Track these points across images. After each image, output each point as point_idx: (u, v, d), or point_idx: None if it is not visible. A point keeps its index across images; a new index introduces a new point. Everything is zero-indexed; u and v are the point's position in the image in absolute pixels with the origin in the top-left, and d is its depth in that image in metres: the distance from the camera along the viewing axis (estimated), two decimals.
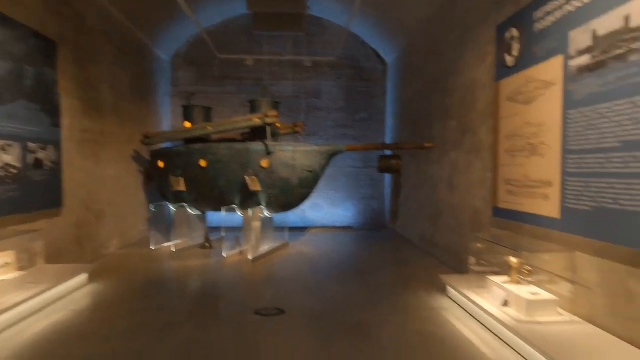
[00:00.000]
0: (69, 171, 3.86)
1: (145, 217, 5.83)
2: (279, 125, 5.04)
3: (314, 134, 7.11)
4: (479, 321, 2.70)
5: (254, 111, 5.17)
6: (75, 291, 3.27)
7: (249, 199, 4.76)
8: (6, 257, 2.93)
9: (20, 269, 3.07)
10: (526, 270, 2.61)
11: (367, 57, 7.27)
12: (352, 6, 5.49)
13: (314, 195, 5.85)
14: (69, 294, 3.19)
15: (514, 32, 3.05)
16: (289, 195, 4.84)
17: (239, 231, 5.02)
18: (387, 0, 5.51)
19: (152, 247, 5.00)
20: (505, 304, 2.54)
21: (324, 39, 7.17)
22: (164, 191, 5.19)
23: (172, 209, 5.23)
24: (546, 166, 2.64)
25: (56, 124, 3.65)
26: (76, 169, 4.02)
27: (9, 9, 3.09)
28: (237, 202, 4.82)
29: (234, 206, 4.82)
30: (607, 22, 2.13)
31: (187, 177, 4.84)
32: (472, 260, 3.12)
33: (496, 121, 3.30)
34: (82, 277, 3.43)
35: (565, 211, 2.44)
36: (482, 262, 3.07)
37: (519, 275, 2.64)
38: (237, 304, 3.14)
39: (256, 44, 7.14)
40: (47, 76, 3.53)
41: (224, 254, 4.62)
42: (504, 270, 2.75)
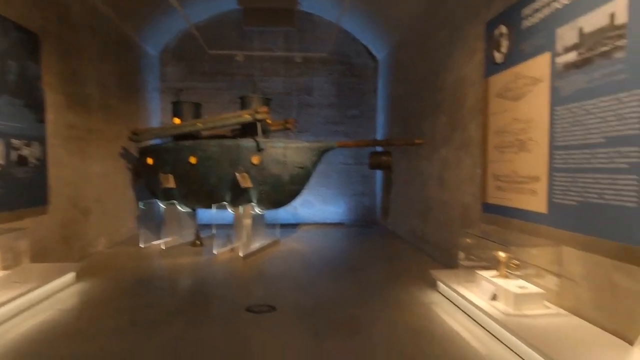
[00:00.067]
0: (55, 168, 3.78)
1: (134, 215, 5.76)
2: (269, 121, 5.01)
3: (305, 131, 7.09)
4: (468, 315, 2.74)
5: (244, 107, 5.13)
6: (61, 290, 3.22)
7: (239, 196, 4.73)
8: None
9: (4, 268, 3.02)
10: (514, 264, 2.65)
11: (358, 53, 7.26)
12: (342, 1, 5.47)
13: (305, 191, 5.84)
14: (56, 293, 3.14)
15: (503, 29, 3.07)
16: (280, 191, 4.83)
17: (229, 228, 4.99)
18: None
19: (141, 245, 4.94)
20: (493, 297, 2.58)
21: (315, 34, 7.14)
22: (153, 188, 5.13)
23: (162, 206, 5.18)
24: (534, 162, 2.68)
25: (40, 120, 3.57)
26: (62, 166, 3.94)
27: None
28: (228, 199, 4.79)
29: (225, 203, 4.79)
30: (593, 20, 2.16)
31: (177, 174, 4.79)
32: (462, 255, 3.15)
33: (485, 117, 3.33)
34: (69, 276, 3.38)
35: (552, 206, 2.48)
36: (472, 257, 3.11)
37: (507, 269, 2.68)
38: (228, 301, 3.12)
39: (247, 40, 7.07)
40: (31, 70, 3.44)
41: (215, 252, 4.60)
42: (493, 264, 2.79)
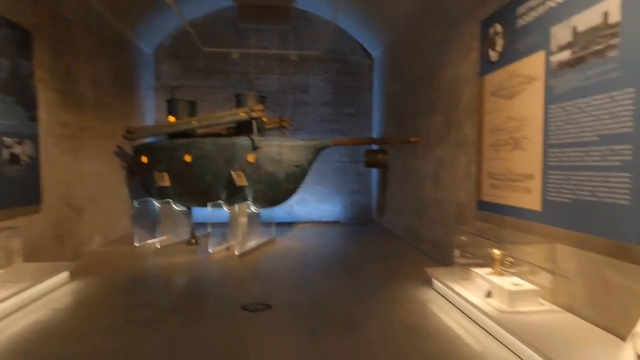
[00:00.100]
0: (48, 166, 3.74)
1: (128, 214, 5.72)
2: (265, 119, 4.99)
3: (300, 129, 7.08)
4: (463, 312, 2.76)
5: (239, 105, 5.11)
6: (55, 289, 3.19)
7: (235, 194, 4.72)
8: None
9: None
10: (508, 261, 2.67)
11: (353, 51, 7.26)
12: None
13: (301, 190, 5.84)
14: (49, 293, 3.11)
15: (498, 28, 3.09)
16: (276, 190, 4.82)
17: (225, 227, 4.97)
18: None
19: (136, 244, 4.91)
20: (488, 295, 2.59)
21: (310, 32, 7.12)
22: (147, 187, 5.10)
23: (157, 204, 5.15)
24: (528, 160, 2.69)
25: (33, 118, 3.53)
26: (55, 164, 3.90)
27: None
28: (223, 197, 4.78)
29: (220, 202, 4.77)
30: (587, 18, 2.18)
31: (172, 172, 4.76)
32: (457, 252, 3.17)
33: (480, 116, 3.35)
34: (63, 275, 3.35)
35: (546, 204, 2.50)
36: (467, 254, 3.13)
37: (502, 266, 2.70)
38: (223, 299, 3.11)
39: (242, 37, 7.03)
40: (23, 68, 3.40)
41: (210, 250, 4.58)
42: (488, 262, 2.81)
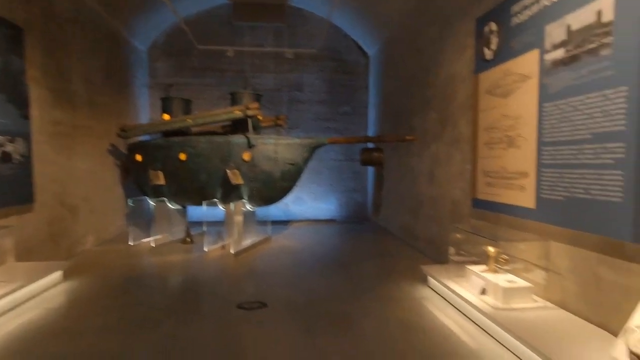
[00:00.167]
0: (41, 165, 3.70)
1: (123, 213, 5.68)
2: (260, 117, 4.97)
3: (296, 127, 7.07)
4: (458, 309, 2.78)
5: (235, 103, 5.09)
6: (49, 289, 3.16)
7: (230, 193, 4.70)
8: None
9: None
10: (503, 259, 2.69)
11: (349, 49, 7.25)
12: None
13: (297, 188, 5.83)
14: (43, 292, 3.08)
15: (493, 26, 3.10)
16: (271, 188, 4.81)
17: (220, 225, 4.96)
18: None
19: (130, 243, 4.88)
20: (483, 292, 2.61)
21: (305, 30, 7.10)
22: (142, 185, 5.06)
23: (151, 203, 5.12)
24: (522, 158, 2.71)
25: (25, 116, 3.48)
26: (48, 162, 3.85)
27: None
28: (219, 196, 4.76)
29: (216, 200, 4.75)
30: (581, 17, 2.19)
31: (167, 170, 4.73)
32: (452, 250, 3.18)
33: (475, 114, 3.36)
34: (56, 275, 3.32)
35: (540, 201, 2.52)
36: (462, 252, 3.14)
37: (496, 264, 2.71)
38: (219, 298, 3.10)
39: (237, 35, 6.99)
40: (14, 65, 3.35)
41: (206, 249, 4.57)
42: (482, 259, 2.83)
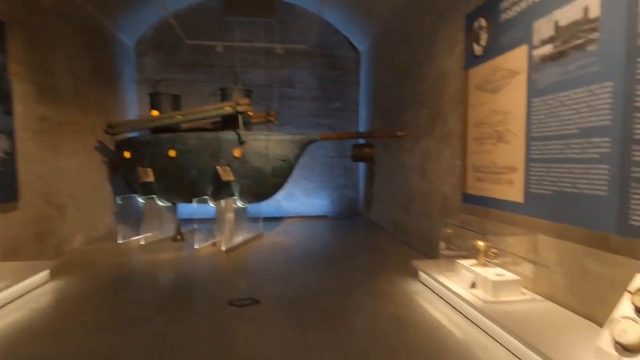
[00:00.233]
0: (25, 163, 3.62)
1: (111, 211, 5.60)
2: (251, 113, 4.94)
3: (287, 123, 7.04)
4: (448, 303, 2.81)
5: (225, 99, 5.04)
6: (35, 289, 3.10)
7: (221, 190, 4.66)
8: None
9: None
10: (492, 253, 2.73)
11: (340, 45, 7.23)
12: None
13: (288, 184, 5.82)
14: (29, 292, 3.02)
15: (482, 22, 3.11)
16: (263, 185, 4.79)
17: (211, 223, 4.92)
18: None
19: (119, 241, 4.82)
20: (473, 285, 2.64)
21: (297, 26, 7.05)
22: (130, 183, 4.99)
23: (141, 201, 5.05)
24: (511, 153, 2.74)
25: (8, 112, 3.39)
26: (33, 160, 3.77)
27: None
28: (209, 192, 4.72)
29: (206, 197, 4.71)
30: (568, 13, 2.21)
31: (156, 167, 4.67)
32: (442, 245, 3.21)
33: (465, 109, 3.38)
34: (43, 274, 3.26)
35: (528, 196, 2.55)
36: (452, 246, 3.18)
37: (486, 258, 2.75)
38: (210, 295, 3.09)
39: (227, 30, 6.92)
40: None
41: (197, 246, 4.53)
42: (472, 253, 2.86)
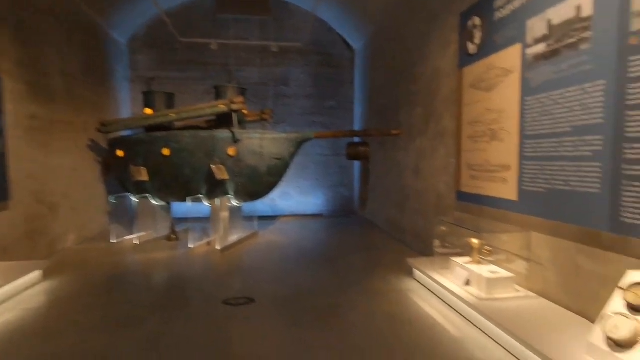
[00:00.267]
0: (16, 161, 3.56)
1: (105, 210, 5.54)
2: (245, 112, 4.91)
3: (281, 122, 7.02)
4: (443, 300, 2.82)
5: (219, 97, 5.00)
6: (27, 289, 3.07)
7: (216, 188, 4.64)
8: None
9: None
10: (486, 250, 2.75)
11: (334, 43, 7.22)
12: None
13: (283, 183, 5.81)
14: (21, 293, 2.99)
15: (477, 21, 3.12)
16: (257, 183, 4.77)
17: (206, 222, 4.90)
18: None
19: (113, 241, 4.78)
20: (467, 283, 2.66)
21: (291, 24, 7.03)
22: (124, 182, 4.95)
23: (134, 200, 5.01)
24: (505, 151, 2.76)
25: None
26: (24, 159, 3.72)
27: None
28: (204, 191, 4.69)
29: (200, 196, 4.69)
30: (561, 12, 2.23)
31: (149, 166, 4.63)
32: (437, 243, 3.23)
33: (459, 108, 3.40)
34: (35, 274, 3.22)
35: (522, 193, 2.57)
36: (446, 244, 3.19)
37: (480, 255, 2.77)
38: (205, 294, 3.07)
39: (221, 28, 6.87)
40: None
41: (191, 245, 4.51)
42: (467, 251, 2.87)
